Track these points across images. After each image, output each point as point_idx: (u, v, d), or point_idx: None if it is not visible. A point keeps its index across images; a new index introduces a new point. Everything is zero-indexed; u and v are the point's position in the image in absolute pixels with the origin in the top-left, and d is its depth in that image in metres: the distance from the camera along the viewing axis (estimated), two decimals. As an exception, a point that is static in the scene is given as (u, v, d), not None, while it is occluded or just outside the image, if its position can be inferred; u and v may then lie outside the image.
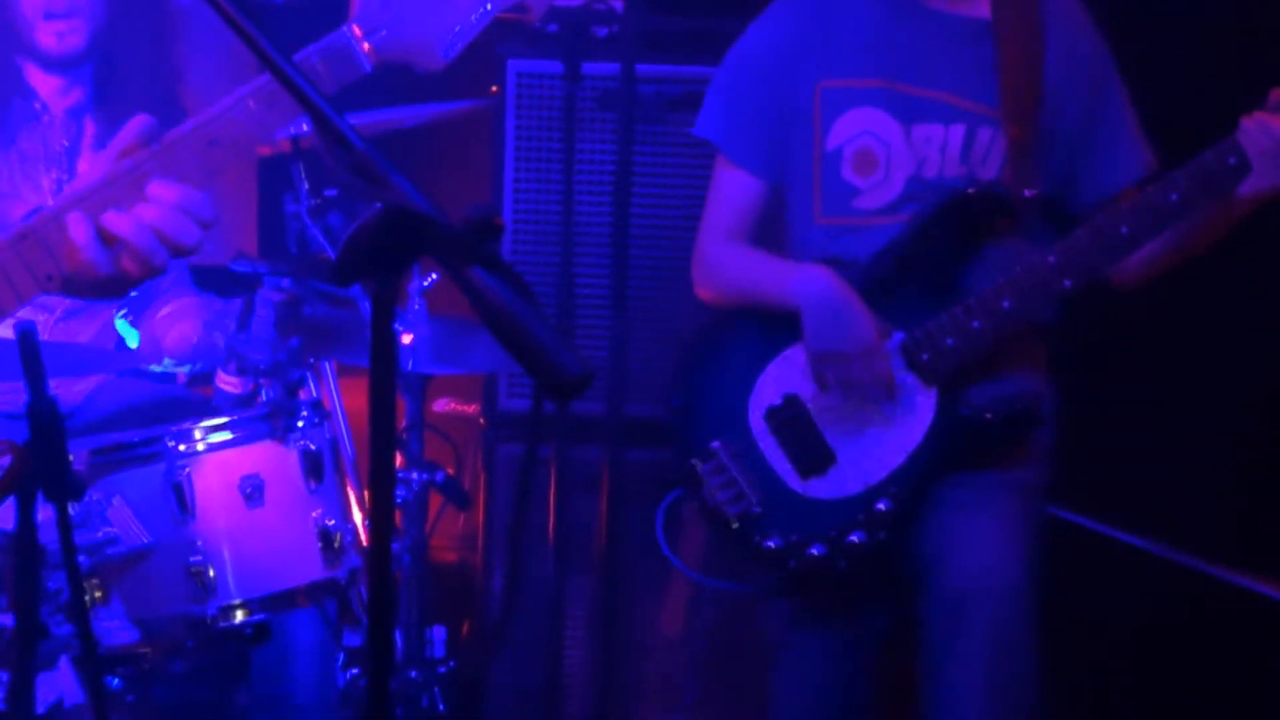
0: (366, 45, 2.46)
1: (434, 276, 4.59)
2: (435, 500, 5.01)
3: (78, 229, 2.30)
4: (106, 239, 2.32)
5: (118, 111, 4.51)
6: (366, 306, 4.46)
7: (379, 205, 2.03)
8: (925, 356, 3.78)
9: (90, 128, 4.50)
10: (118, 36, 4.47)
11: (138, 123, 2.37)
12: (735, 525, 3.87)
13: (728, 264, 3.99)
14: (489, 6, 2.56)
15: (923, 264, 3.82)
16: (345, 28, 2.48)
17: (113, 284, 2.36)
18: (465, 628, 5.40)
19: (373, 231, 2.03)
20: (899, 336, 3.80)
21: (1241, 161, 3.58)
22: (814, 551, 3.82)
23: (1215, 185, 3.61)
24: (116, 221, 2.31)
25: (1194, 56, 4.70)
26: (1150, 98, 3.99)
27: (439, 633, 5.11)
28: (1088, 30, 3.92)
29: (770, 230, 4.02)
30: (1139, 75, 3.99)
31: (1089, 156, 3.89)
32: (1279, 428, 4.90)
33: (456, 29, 2.54)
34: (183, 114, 4.61)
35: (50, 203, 2.50)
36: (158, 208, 2.31)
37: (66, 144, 4.47)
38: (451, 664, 4.94)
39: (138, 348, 4.52)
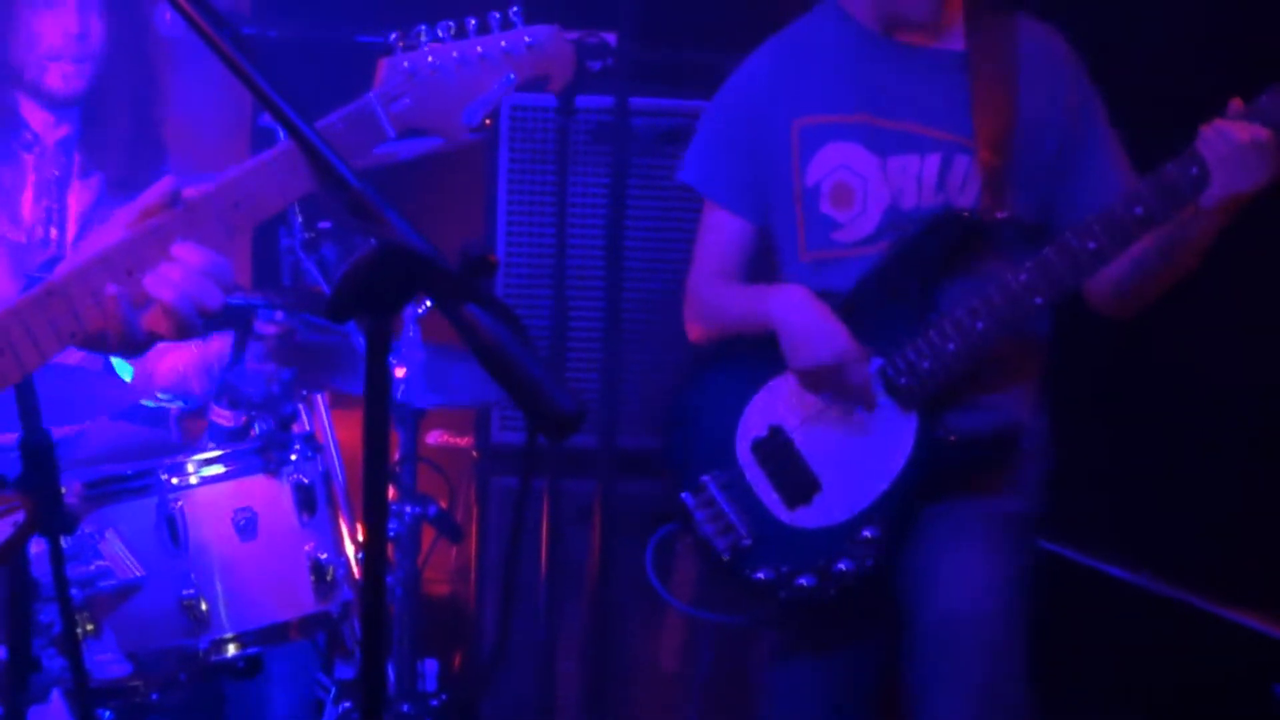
0: (390, 112, 2.50)
1: (428, 303, 4.59)
2: (428, 533, 5.01)
3: (109, 289, 2.30)
4: (138, 301, 2.32)
5: (102, 144, 4.52)
6: (359, 337, 4.48)
7: (374, 243, 2.04)
8: (904, 381, 3.79)
9: (78, 158, 4.51)
10: (108, 73, 4.48)
11: (163, 184, 2.38)
12: (726, 558, 3.88)
13: (713, 300, 4.03)
14: (512, 76, 2.61)
15: (900, 289, 3.84)
16: (370, 95, 2.54)
17: (137, 344, 2.37)
18: (457, 660, 5.40)
19: (368, 269, 2.04)
20: (877, 362, 3.81)
21: (1203, 171, 3.59)
22: (803, 581, 3.83)
23: (1178, 196, 3.62)
24: (158, 285, 2.31)
25: (1163, 62, 4.73)
26: (1126, 107, 4.00)
27: (431, 666, 5.12)
28: (1066, 59, 3.93)
29: (760, 269, 4.04)
30: (1113, 84, 4.00)
31: (1069, 183, 3.90)
32: (1265, 459, 4.91)
33: (479, 98, 2.58)
34: (163, 147, 4.65)
35: (57, 252, 2.51)
36: (183, 270, 2.32)
37: (57, 174, 4.48)
38: (444, 697, 4.94)
39: (131, 380, 4.52)
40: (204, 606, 3.87)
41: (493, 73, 2.60)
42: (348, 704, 4.62)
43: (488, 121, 4.92)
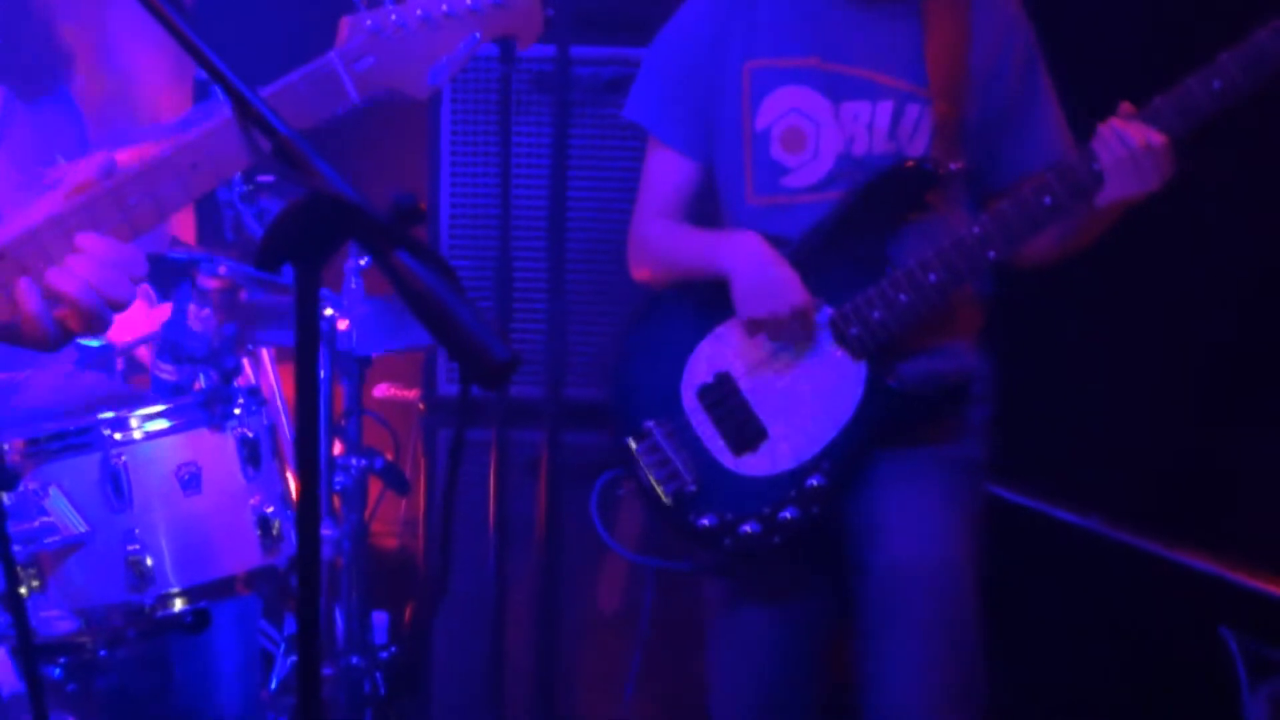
0: (353, 72, 2.46)
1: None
2: (375, 486, 5.01)
3: (28, 298, 2.27)
4: (49, 295, 2.29)
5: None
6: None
7: (302, 190, 2.03)
8: (854, 330, 3.79)
9: None
10: None
11: (97, 158, 2.34)
12: (669, 504, 3.88)
13: (659, 240, 4.01)
14: (477, 35, 2.56)
15: (852, 239, 3.84)
16: (331, 54, 2.49)
17: (50, 339, 2.34)
18: (407, 613, 5.40)
19: (296, 217, 2.03)
20: (828, 311, 3.81)
21: (1101, 168, 3.63)
22: (747, 529, 3.83)
23: (1081, 189, 3.66)
24: (61, 281, 2.28)
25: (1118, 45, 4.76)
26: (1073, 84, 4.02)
27: (381, 618, 5.11)
28: (1016, 15, 3.95)
29: (706, 211, 4.03)
30: (1065, 59, 4.01)
31: (1010, 137, 3.92)
32: (1213, 401, 4.94)
33: (444, 57, 2.54)
34: (68, 54, 4.60)
35: None
36: (89, 261, 2.29)
37: None
38: (393, 649, 4.94)
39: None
40: (149, 562, 3.86)
41: (458, 31, 2.55)
42: (296, 657, 4.61)
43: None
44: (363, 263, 4.61)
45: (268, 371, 4.98)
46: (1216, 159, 3.81)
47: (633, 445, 3.92)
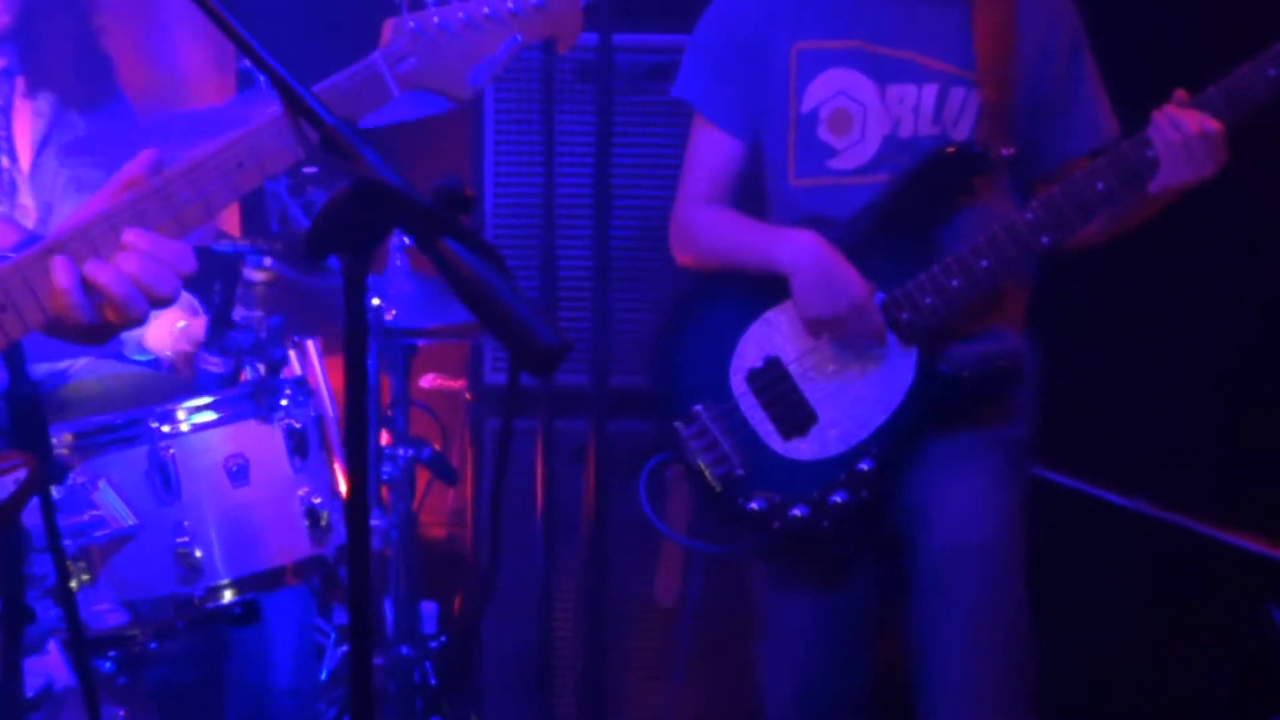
0: (396, 72, 2.49)
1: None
2: (423, 476, 5.01)
3: (61, 274, 2.28)
4: (89, 286, 2.30)
5: (44, 67, 4.52)
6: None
7: (349, 179, 2.03)
8: (905, 316, 3.78)
9: (20, 84, 4.49)
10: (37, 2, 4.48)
11: (145, 155, 2.35)
12: (718, 488, 3.87)
13: (708, 228, 3.99)
14: (519, 37, 2.60)
15: (901, 224, 3.83)
16: (375, 55, 2.53)
17: (95, 331, 2.35)
18: (456, 603, 5.41)
19: (343, 205, 2.03)
20: (879, 296, 3.80)
21: (1156, 154, 3.63)
22: (797, 512, 3.83)
23: (1134, 176, 3.66)
24: (97, 271, 2.28)
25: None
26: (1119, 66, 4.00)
27: (429, 608, 5.12)
28: (1062, 2, 3.93)
29: (748, 191, 4.02)
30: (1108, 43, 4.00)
31: (1056, 122, 3.91)
32: (1256, 381, 4.93)
33: (485, 59, 2.57)
34: (108, 59, 4.63)
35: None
36: (136, 257, 2.29)
37: (0, 103, 4.47)
38: (443, 639, 4.95)
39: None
40: (198, 554, 3.86)
41: (499, 33, 2.59)
42: (347, 648, 4.62)
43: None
44: (407, 240, 4.61)
45: (314, 362, 4.98)
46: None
47: (681, 429, 3.91)
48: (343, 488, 4.23)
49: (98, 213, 2.31)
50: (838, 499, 3.81)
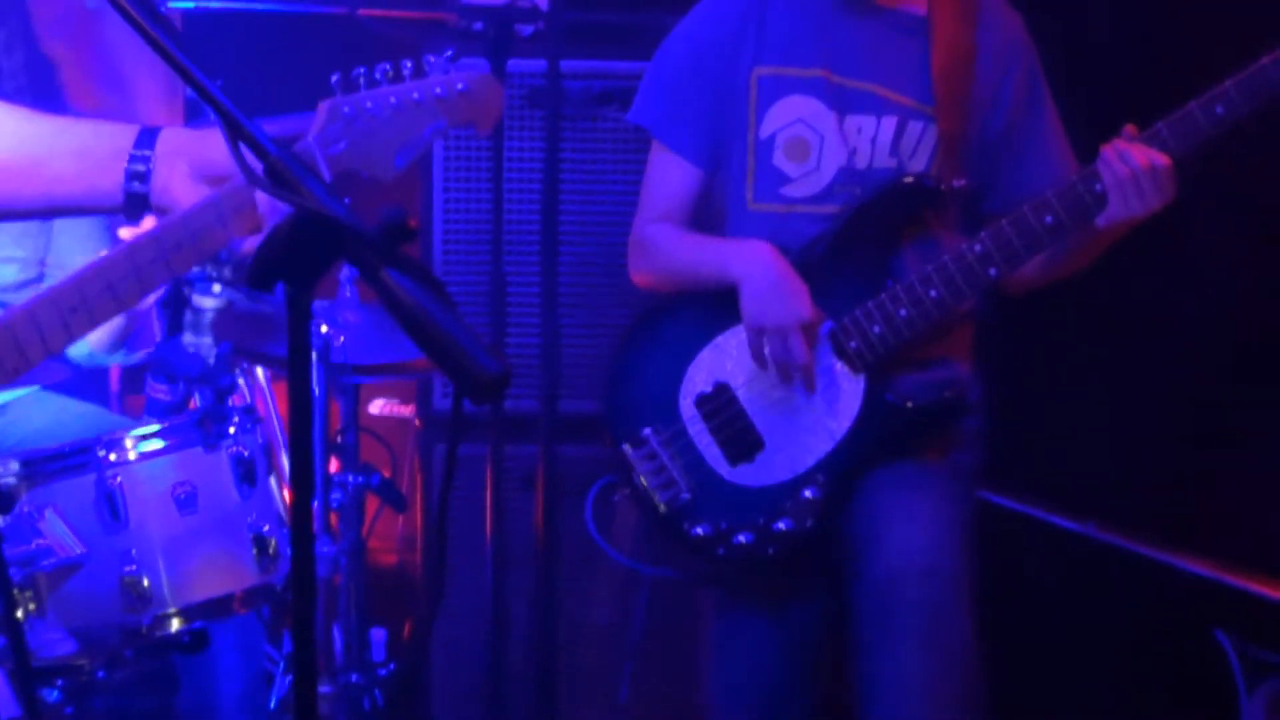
0: (328, 155, 2.54)
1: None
2: (372, 503, 5.01)
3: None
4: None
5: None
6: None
7: (292, 209, 2.04)
8: (854, 344, 3.80)
9: None
10: None
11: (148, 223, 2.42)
12: (664, 512, 3.88)
13: (664, 244, 4.00)
14: (443, 122, 2.66)
15: (853, 252, 3.84)
16: (310, 138, 2.62)
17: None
18: (406, 629, 5.40)
19: (286, 235, 2.03)
20: (828, 324, 3.81)
21: (1104, 189, 3.65)
22: (741, 539, 3.84)
23: (1083, 210, 3.68)
24: None
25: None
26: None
27: (379, 635, 5.11)
28: (1022, 37, 3.96)
29: (706, 215, 4.03)
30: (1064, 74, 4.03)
31: (1013, 159, 3.93)
32: (1205, 407, 4.95)
33: (411, 142, 2.63)
34: (53, 68, 4.65)
35: None
36: None
37: None
38: (392, 666, 4.94)
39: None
40: (146, 582, 3.84)
41: (426, 118, 2.68)
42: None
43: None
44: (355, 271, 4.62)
45: (263, 389, 4.98)
46: (1213, 171, 3.82)
47: (629, 452, 3.92)
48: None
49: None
50: (782, 526, 3.82)
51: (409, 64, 2.70)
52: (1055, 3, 4.54)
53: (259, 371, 4.99)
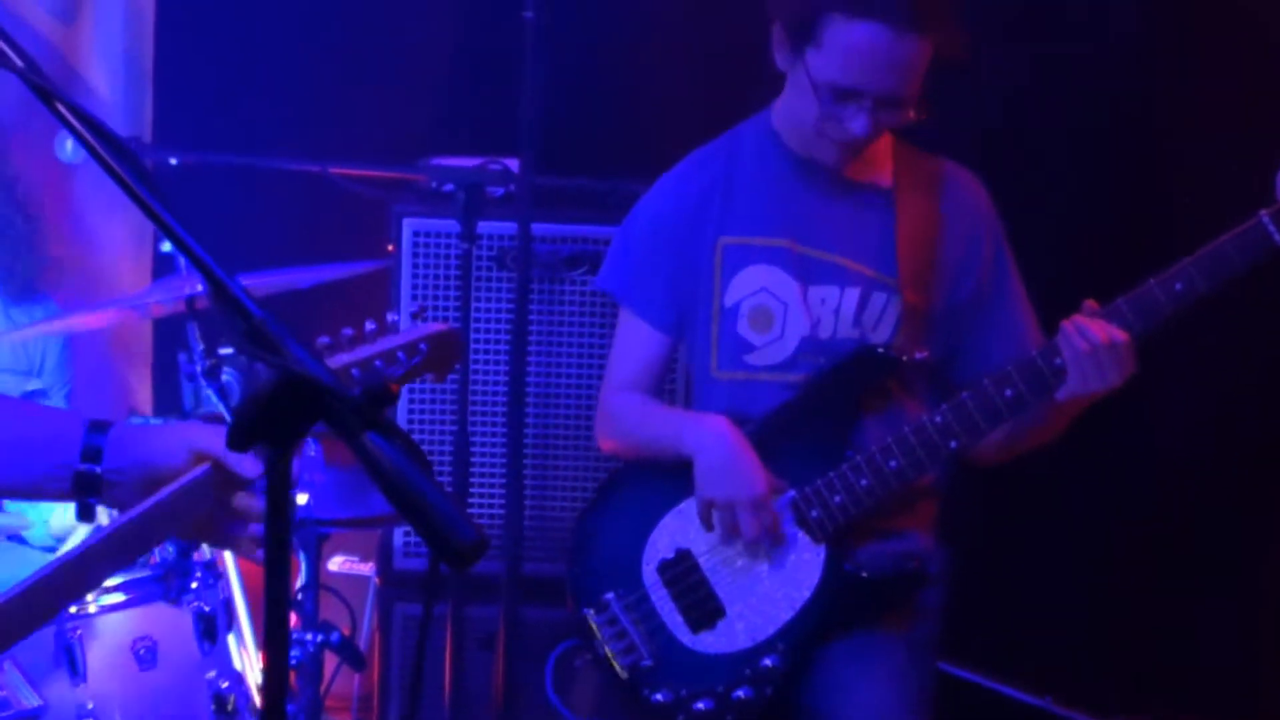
0: None
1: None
2: (330, 660, 4.97)
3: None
4: None
5: None
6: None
7: (274, 372, 2.05)
8: (815, 513, 3.81)
9: None
10: None
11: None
12: (625, 677, 3.87)
13: (628, 414, 4.02)
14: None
15: (815, 422, 3.86)
16: None
17: None
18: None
19: (267, 398, 2.04)
20: (790, 494, 3.82)
21: (1064, 364, 3.66)
22: (701, 706, 3.83)
23: (1043, 383, 3.69)
24: None
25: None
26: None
27: (334, 794, 5.05)
28: (987, 208, 3.98)
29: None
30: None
31: (978, 330, 3.94)
32: (1163, 581, 4.98)
33: None
34: (47, 257, 4.73)
35: None
36: None
37: None
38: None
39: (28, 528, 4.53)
40: (104, 736, 3.83)
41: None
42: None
43: (390, 248, 4.98)
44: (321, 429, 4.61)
45: (223, 545, 4.94)
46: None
47: (592, 616, 3.92)
48: (250, 672, 4.21)
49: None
50: (741, 695, 3.82)
51: (371, 325, 2.67)
52: (1017, 170, 4.59)
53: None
